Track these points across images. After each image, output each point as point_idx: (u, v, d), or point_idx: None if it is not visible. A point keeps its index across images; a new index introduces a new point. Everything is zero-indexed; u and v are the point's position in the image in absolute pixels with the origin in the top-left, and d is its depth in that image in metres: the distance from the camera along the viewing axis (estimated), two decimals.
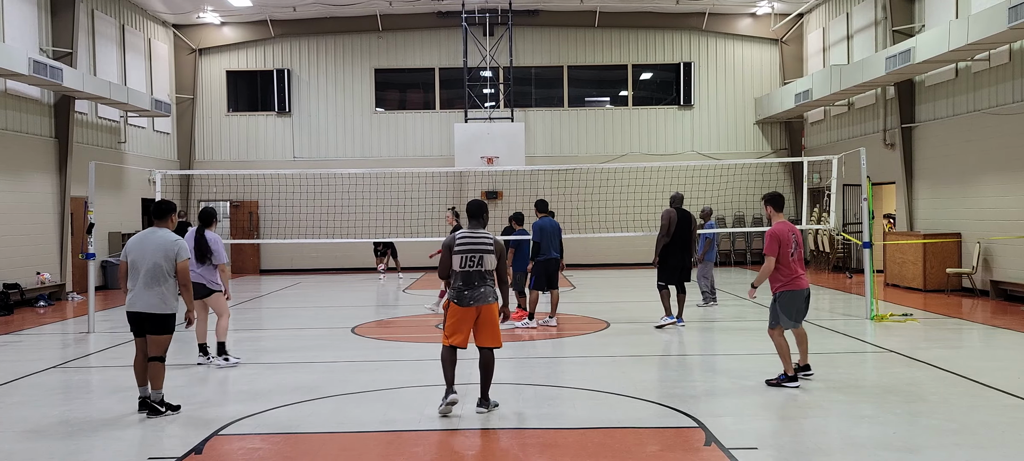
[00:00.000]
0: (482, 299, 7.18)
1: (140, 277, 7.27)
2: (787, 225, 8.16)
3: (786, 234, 8.07)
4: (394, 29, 25.38)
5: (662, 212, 12.41)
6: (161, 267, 7.26)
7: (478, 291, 7.19)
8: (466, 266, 7.20)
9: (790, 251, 8.05)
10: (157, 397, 7.35)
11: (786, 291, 8.10)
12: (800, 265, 8.13)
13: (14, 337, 12.66)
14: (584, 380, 8.63)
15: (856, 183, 16.50)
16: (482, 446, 6.43)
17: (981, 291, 16.03)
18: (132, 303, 7.32)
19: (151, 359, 7.31)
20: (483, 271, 7.24)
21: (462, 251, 7.21)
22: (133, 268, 7.33)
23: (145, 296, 7.26)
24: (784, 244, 8.03)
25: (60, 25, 18.39)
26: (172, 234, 7.47)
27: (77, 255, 18.76)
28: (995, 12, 13.67)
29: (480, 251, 7.22)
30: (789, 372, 8.09)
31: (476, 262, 7.20)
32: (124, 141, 21.64)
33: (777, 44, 25.51)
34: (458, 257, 7.21)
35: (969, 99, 16.62)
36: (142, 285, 7.26)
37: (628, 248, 24.71)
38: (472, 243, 7.25)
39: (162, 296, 7.28)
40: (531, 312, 12.65)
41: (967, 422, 6.75)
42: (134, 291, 7.30)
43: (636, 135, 25.66)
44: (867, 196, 13.05)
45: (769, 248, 8.04)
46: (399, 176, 22.70)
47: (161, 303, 7.28)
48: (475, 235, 7.30)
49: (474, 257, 7.21)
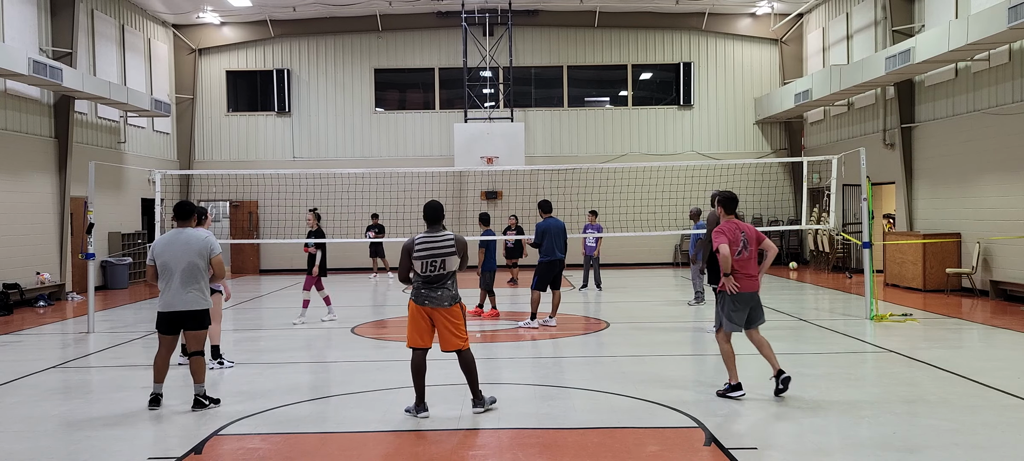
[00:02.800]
0: (437, 302, 7.08)
1: (176, 278, 7.42)
2: (735, 223, 7.78)
3: (733, 231, 7.68)
4: (394, 29, 25.38)
5: (709, 213, 11.91)
6: (197, 265, 7.47)
7: (435, 293, 7.10)
8: (428, 271, 7.07)
9: (737, 249, 7.67)
10: (201, 390, 7.54)
11: (730, 294, 7.70)
12: (751, 265, 7.71)
13: (14, 337, 12.66)
14: (584, 380, 8.63)
15: (856, 183, 16.50)
16: (482, 446, 6.43)
17: (981, 291, 16.03)
18: (171, 304, 7.47)
19: (192, 354, 7.56)
20: (444, 274, 7.12)
21: (423, 255, 7.06)
22: (165, 270, 7.47)
23: (184, 296, 7.44)
24: (733, 243, 7.65)
25: (60, 25, 18.39)
26: (202, 231, 7.68)
27: (77, 255, 18.75)
28: (995, 12, 13.67)
29: (442, 254, 7.09)
30: (734, 381, 7.70)
31: (438, 266, 7.09)
32: (124, 141, 21.64)
33: (777, 44, 25.51)
34: (419, 262, 7.06)
35: (969, 99, 16.62)
36: (179, 285, 7.42)
37: (628, 248, 24.71)
38: (432, 247, 7.11)
39: (201, 292, 7.51)
40: (533, 312, 12.63)
41: (967, 422, 6.75)
42: (170, 292, 7.45)
43: (636, 135, 25.66)
44: (867, 196, 13.05)
45: (716, 240, 7.62)
46: (399, 176, 22.69)
47: (201, 299, 7.53)
48: (434, 238, 7.14)
49: (435, 261, 7.08)
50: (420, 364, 7.15)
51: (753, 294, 7.79)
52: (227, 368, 9.53)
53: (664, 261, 25.52)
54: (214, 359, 9.61)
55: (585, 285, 18.40)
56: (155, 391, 7.57)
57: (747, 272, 7.69)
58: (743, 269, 7.68)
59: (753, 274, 7.74)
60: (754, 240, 7.78)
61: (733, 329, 7.77)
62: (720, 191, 8.06)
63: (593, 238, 18.01)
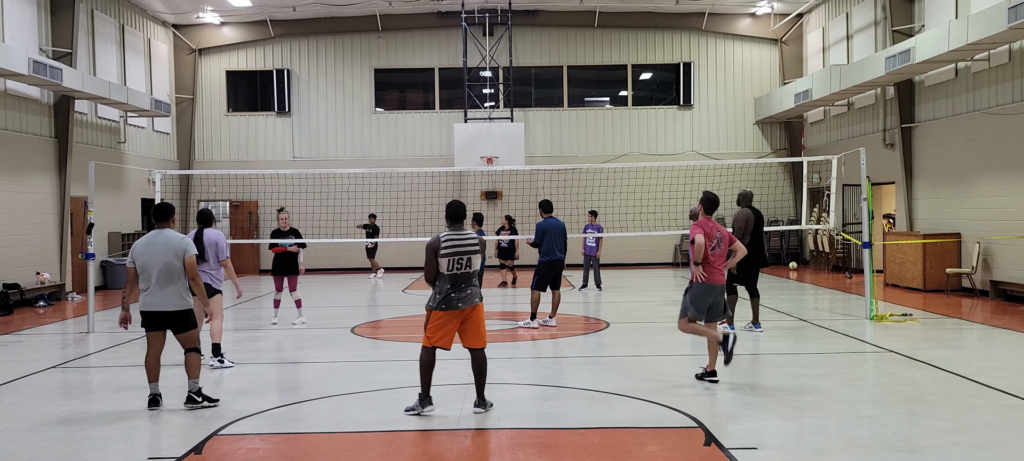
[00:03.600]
0: (469, 301, 7.11)
1: (153, 278, 7.50)
2: (713, 223, 8.42)
3: (710, 226, 8.33)
4: (394, 29, 25.37)
5: (738, 213, 11.79)
6: (173, 266, 7.52)
7: (465, 293, 7.11)
8: (454, 269, 7.09)
9: (712, 245, 8.26)
10: (194, 387, 7.59)
11: (697, 283, 8.27)
12: (722, 260, 8.36)
13: (14, 337, 12.66)
14: (584, 380, 8.63)
15: (856, 183, 16.50)
16: (482, 446, 6.43)
17: (981, 291, 16.03)
18: (149, 303, 7.53)
19: (187, 352, 7.62)
20: (471, 273, 7.16)
21: (449, 254, 7.07)
22: (144, 271, 7.54)
23: (161, 296, 7.50)
24: (709, 237, 8.26)
25: (60, 25, 18.39)
26: (178, 234, 7.73)
27: (77, 255, 18.75)
28: (995, 12, 13.67)
29: (468, 252, 7.13)
30: (711, 367, 8.31)
31: (465, 264, 7.12)
32: (124, 141, 21.64)
33: (777, 44, 25.51)
34: (445, 260, 7.07)
35: (969, 99, 16.62)
36: (156, 285, 7.49)
37: (628, 248, 24.70)
38: (458, 245, 7.12)
39: (178, 293, 7.55)
40: (533, 312, 12.63)
41: (967, 422, 6.75)
42: (149, 292, 7.52)
43: (636, 135, 25.66)
44: (867, 196, 13.05)
45: (693, 231, 8.28)
46: (399, 176, 22.70)
47: (179, 300, 7.57)
48: (460, 236, 7.17)
49: (462, 260, 7.11)
50: (431, 360, 7.16)
51: (720, 287, 8.39)
52: (227, 368, 9.52)
53: (664, 261, 25.53)
54: (214, 356, 9.61)
55: (585, 285, 18.40)
56: (152, 391, 7.59)
57: (717, 266, 8.32)
58: (715, 263, 8.30)
59: (721, 269, 8.38)
60: (726, 240, 8.48)
61: (696, 317, 8.35)
62: (707, 194, 8.69)
63: (593, 238, 18.02)
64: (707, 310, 8.34)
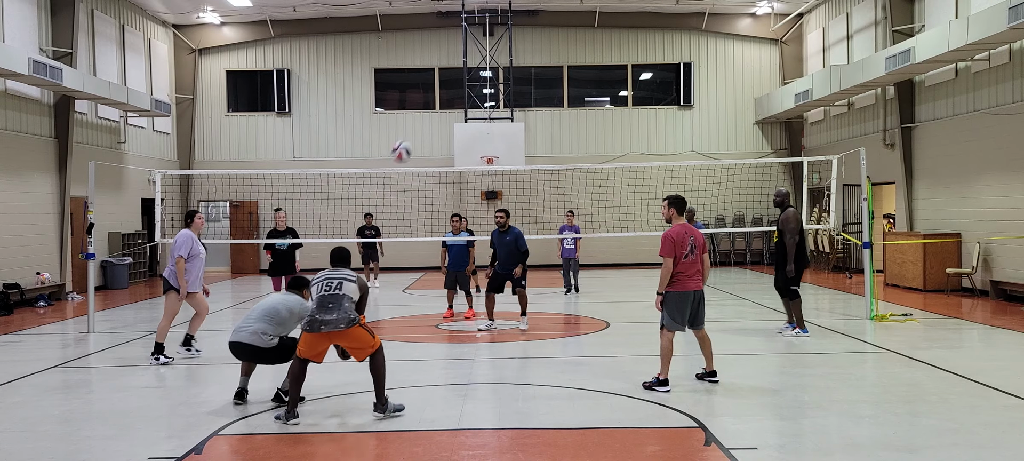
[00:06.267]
0: (333, 325, 7.00)
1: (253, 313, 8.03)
2: (685, 227, 8.15)
3: (682, 236, 8.05)
4: (394, 29, 25.38)
5: (788, 214, 11.24)
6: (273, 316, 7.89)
7: (330, 316, 7.01)
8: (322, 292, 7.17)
9: (684, 253, 8.03)
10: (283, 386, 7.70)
11: (673, 291, 8.03)
12: (694, 267, 8.07)
13: (14, 337, 12.65)
14: (584, 380, 8.62)
15: (856, 183, 16.50)
16: (482, 446, 6.43)
17: (981, 291, 16.03)
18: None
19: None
20: (340, 295, 7.10)
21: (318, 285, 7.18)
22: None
23: (245, 330, 7.76)
24: (679, 246, 8.02)
25: (60, 25, 18.39)
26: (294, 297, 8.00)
27: (77, 255, 18.75)
28: (995, 12, 13.67)
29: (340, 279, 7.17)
30: (663, 376, 8.01)
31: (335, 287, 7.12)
32: (124, 141, 21.64)
33: (777, 44, 25.52)
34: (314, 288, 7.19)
35: (969, 99, 16.62)
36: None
37: (628, 248, 24.70)
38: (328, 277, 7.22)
39: (256, 334, 7.64)
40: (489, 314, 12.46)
41: (967, 422, 6.75)
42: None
43: (636, 135, 25.66)
44: (867, 196, 13.05)
45: (665, 250, 8.04)
46: (399, 176, 22.68)
47: (257, 337, 7.70)
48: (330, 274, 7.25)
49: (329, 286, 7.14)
50: (303, 371, 7.13)
51: (697, 293, 8.15)
52: (196, 355, 10.08)
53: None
54: (184, 345, 10.19)
55: (568, 290, 17.64)
56: (240, 385, 7.79)
57: (688, 274, 8.06)
58: (687, 270, 8.05)
59: (695, 275, 8.11)
60: (700, 246, 8.20)
61: (676, 328, 8.11)
62: (673, 194, 8.45)
63: (571, 239, 17.32)
64: (690, 318, 8.15)
